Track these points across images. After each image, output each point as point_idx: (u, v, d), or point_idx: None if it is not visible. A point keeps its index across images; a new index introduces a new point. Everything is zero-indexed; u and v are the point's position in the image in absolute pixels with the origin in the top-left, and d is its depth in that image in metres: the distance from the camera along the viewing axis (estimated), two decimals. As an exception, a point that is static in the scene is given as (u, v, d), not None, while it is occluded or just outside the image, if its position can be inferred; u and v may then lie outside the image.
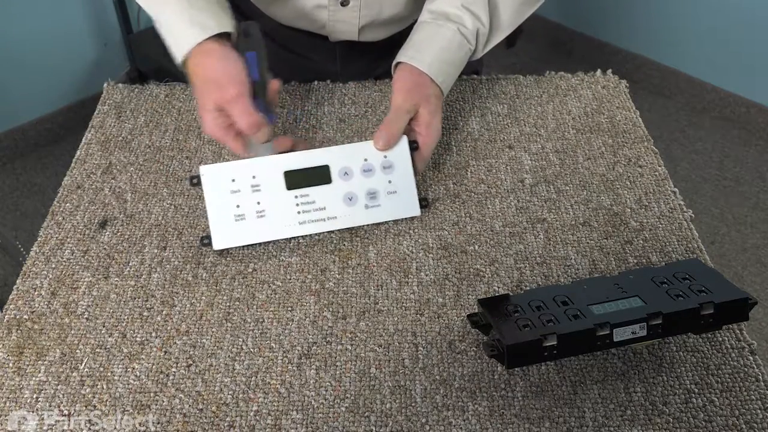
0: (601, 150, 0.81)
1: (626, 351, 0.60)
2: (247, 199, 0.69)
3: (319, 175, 0.70)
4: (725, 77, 2.19)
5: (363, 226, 0.71)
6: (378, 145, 0.71)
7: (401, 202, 0.71)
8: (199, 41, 0.69)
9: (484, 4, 0.77)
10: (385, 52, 0.91)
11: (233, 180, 0.69)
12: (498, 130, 0.83)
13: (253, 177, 0.69)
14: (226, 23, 0.71)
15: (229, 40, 0.72)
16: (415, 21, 0.88)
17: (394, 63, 0.77)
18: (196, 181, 0.69)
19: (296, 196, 0.69)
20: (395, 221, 0.72)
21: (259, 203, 0.69)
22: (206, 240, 0.68)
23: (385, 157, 0.71)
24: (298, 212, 0.69)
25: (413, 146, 0.72)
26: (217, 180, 0.69)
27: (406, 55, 0.76)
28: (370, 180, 0.71)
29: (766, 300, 1.68)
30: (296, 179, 0.70)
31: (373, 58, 0.92)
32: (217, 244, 0.68)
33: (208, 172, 0.69)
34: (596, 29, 2.45)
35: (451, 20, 0.76)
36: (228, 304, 0.64)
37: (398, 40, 0.90)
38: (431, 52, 0.75)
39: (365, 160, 0.71)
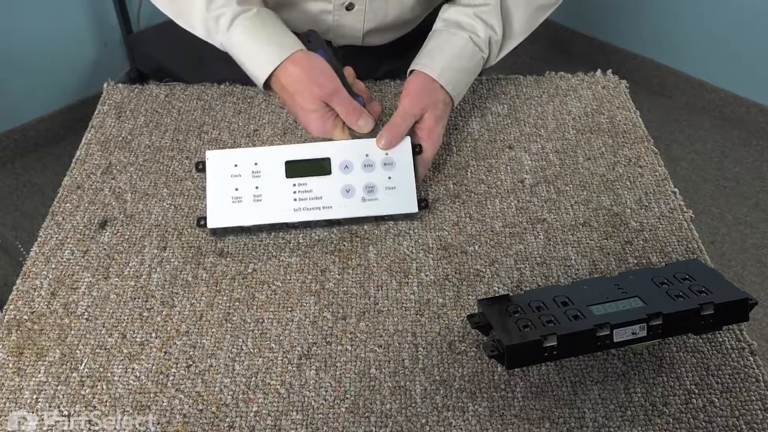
0: (601, 150, 0.80)
1: (626, 351, 0.60)
2: (246, 184, 0.70)
3: (320, 167, 0.71)
4: (725, 77, 2.18)
5: (363, 226, 0.71)
6: (380, 144, 0.71)
7: (399, 198, 0.71)
8: (283, 58, 0.73)
9: (497, 13, 0.78)
10: (387, 55, 0.92)
11: (236, 165, 0.71)
12: (498, 130, 0.83)
13: (255, 164, 0.71)
14: (297, 42, 0.75)
15: None
16: (419, 25, 0.88)
17: (408, 72, 0.78)
18: (201, 167, 0.71)
19: (294, 185, 0.70)
20: (395, 222, 0.72)
21: (257, 188, 0.70)
22: (202, 221, 0.69)
23: (387, 154, 0.72)
24: (295, 199, 0.70)
25: (417, 150, 0.72)
26: (221, 164, 0.71)
27: (418, 63, 0.77)
28: (369, 175, 0.71)
29: (766, 300, 1.68)
30: (296, 169, 0.71)
31: (375, 60, 0.92)
32: (212, 223, 0.69)
33: (213, 157, 0.71)
34: (596, 29, 2.45)
35: (463, 28, 0.78)
36: (228, 304, 0.64)
37: (401, 43, 0.90)
38: (443, 60, 0.76)
39: (366, 155, 0.72)
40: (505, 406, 0.57)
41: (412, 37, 0.90)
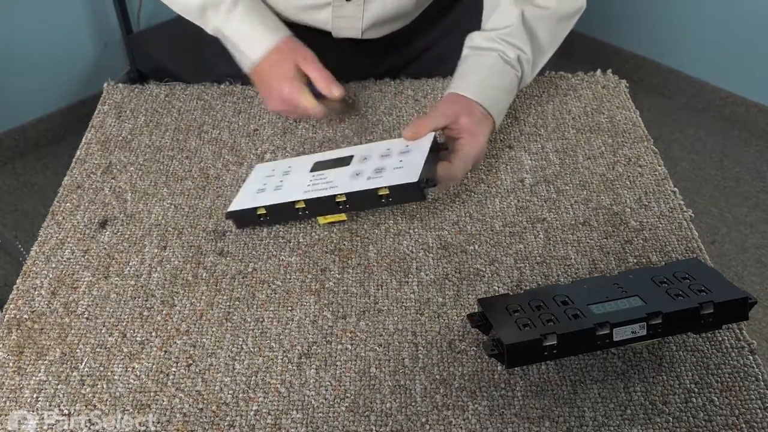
0: (601, 150, 0.81)
1: (626, 350, 0.60)
2: (274, 180, 0.74)
3: (342, 161, 0.74)
4: (725, 77, 2.18)
5: (363, 225, 0.71)
6: (406, 134, 0.73)
7: (402, 172, 0.69)
8: (276, 41, 0.79)
9: (521, 33, 0.78)
10: (387, 50, 0.92)
11: (273, 169, 0.76)
12: (498, 130, 0.83)
13: (289, 167, 0.75)
14: (285, 28, 0.81)
15: None
16: (418, 17, 0.89)
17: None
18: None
19: (314, 176, 0.73)
20: (395, 221, 0.72)
21: (281, 182, 0.73)
22: (229, 215, 0.71)
23: (407, 146, 0.73)
24: (309, 185, 0.71)
25: (443, 146, 0.74)
26: (262, 171, 0.76)
27: (452, 86, 0.77)
28: (383, 161, 0.72)
29: (766, 300, 1.67)
30: (322, 165, 0.74)
31: (375, 56, 0.92)
32: (231, 208, 0.71)
33: (259, 168, 0.77)
34: (596, 29, 2.45)
35: (492, 49, 0.78)
36: (228, 303, 0.64)
37: (400, 37, 0.90)
38: (475, 79, 0.77)
39: (387, 149, 0.74)
40: (505, 405, 0.57)
41: (412, 31, 0.90)
